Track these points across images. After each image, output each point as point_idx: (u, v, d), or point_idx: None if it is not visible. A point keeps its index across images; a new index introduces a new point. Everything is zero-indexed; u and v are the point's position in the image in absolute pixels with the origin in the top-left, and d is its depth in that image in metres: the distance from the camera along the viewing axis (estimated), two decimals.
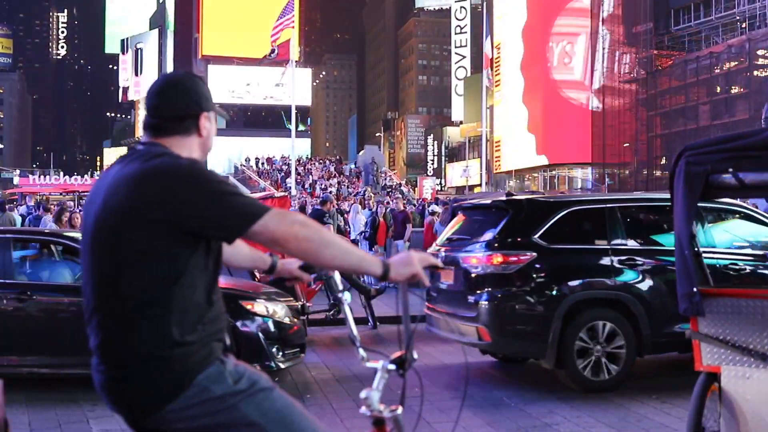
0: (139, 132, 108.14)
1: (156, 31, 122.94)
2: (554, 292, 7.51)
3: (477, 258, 7.82)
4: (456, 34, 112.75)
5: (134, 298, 2.32)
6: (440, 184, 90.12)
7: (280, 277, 3.00)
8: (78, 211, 20.05)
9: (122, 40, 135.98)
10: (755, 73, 48.78)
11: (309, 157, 74.03)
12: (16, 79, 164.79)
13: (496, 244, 7.72)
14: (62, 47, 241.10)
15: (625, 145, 60.44)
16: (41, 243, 8.74)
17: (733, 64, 50.01)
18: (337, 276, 2.88)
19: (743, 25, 49.83)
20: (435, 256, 8.19)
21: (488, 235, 7.93)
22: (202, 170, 2.37)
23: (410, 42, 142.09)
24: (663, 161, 57.58)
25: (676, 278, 4.48)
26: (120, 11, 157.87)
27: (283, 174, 53.56)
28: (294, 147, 46.32)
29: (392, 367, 2.81)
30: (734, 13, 50.02)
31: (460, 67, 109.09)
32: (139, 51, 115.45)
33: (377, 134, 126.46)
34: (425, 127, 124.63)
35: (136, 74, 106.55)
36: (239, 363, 2.48)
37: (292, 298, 8.27)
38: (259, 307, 7.72)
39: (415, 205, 29.52)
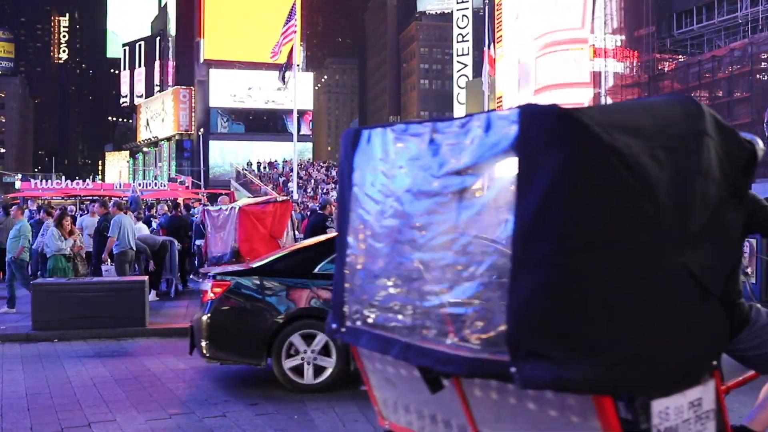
0: (141, 136, 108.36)
1: (158, 36, 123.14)
2: None
3: None
4: (458, 42, 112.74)
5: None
6: None
7: None
8: (80, 215, 20.07)
9: (124, 45, 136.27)
10: (758, 76, 48.74)
11: (311, 160, 74.05)
12: (17, 84, 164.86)
13: None
14: (64, 51, 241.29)
15: None
16: None
17: (735, 67, 49.94)
18: None
19: (745, 29, 49.81)
20: None
21: None
22: None
23: (412, 46, 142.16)
24: None
25: None
26: (122, 15, 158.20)
27: (284, 178, 53.58)
28: (296, 151, 46.29)
29: None
30: (737, 17, 50.00)
31: (462, 75, 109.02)
32: (139, 47, 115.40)
33: None
34: None
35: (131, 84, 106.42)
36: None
37: None
38: None
39: None
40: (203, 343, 7.82)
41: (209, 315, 7.80)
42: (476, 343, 2.61)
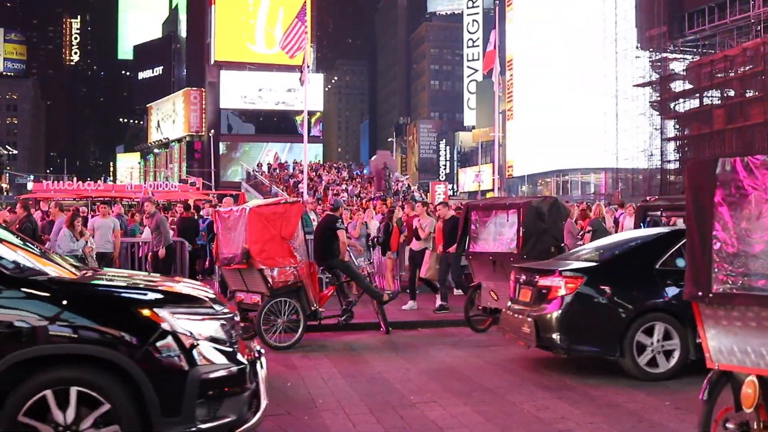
0: (152, 137, 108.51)
1: (168, 37, 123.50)
2: None
3: None
4: (468, 47, 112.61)
5: None
6: (452, 189, 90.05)
7: None
8: (91, 216, 20.11)
9: (135, 46, 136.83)
10: None
11: (321, 162, 74.11)
12: (30, 86, 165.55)
13: None
14: (75, 53, 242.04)
15: (638, 149, 60.14)
16: None
17: (747, 67, 49.69)
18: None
19: (758, 28, 49.55)
20: None
21: None
22: None
23: (422, 47, 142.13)
24: (677, 165, 57.24)
25: None
26: (132, 17, 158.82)
27: (295, 179, 53.59)
28: (306, 152, 46.25)
29: None
30: (749, 16, 49.75)
31: (472, 80, 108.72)
32: (150, 49, 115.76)
33: (389, 139, 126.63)
34: (437, 132, 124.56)
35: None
36: None
37: None
38: None
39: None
40: (555, 336, 8.32)
41: (564, 309, 8.30)
42: None
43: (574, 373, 8.56)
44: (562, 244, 11.82)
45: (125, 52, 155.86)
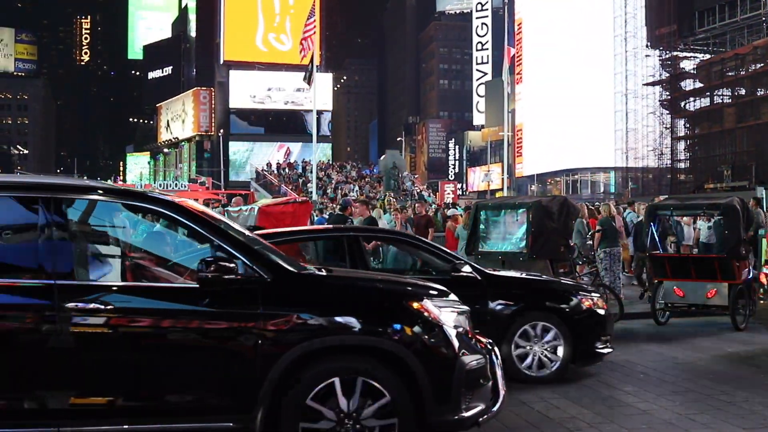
0: (161, 137, 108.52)
1: (178, 37, 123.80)
2: None
3: None
4: (477, 50, 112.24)
5: None
6: (462, 188, 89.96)
7: None
8: None
9: (145, 46, 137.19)
10: None
11: (330, 161, 74.16)
12: (40, 85, 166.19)
13: None
14: (86, 53, 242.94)
15: (648, 148, 59.96)
16: None
17: (758, 65, 49.49)
18: None
19: None
20: None
21: None
22: None
23: (431, 46, 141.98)
24: (687, 165, 57.04)
25: None
26: (143, 17, 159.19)
27: (303, 179, 53.67)
28: (315, 152, 46.39)
29: None
30: (760, 14, 49.55)
31: (481, 84, 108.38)
32: (159, 49, 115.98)
33: (398, 139, 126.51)
34: (446, 131, 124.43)
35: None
36: None
37: None
38: None
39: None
40: None
41: None
42: None
43: (585, 373, 8.53)
44: (572, 244, 11.78)
45: (135, 51, 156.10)
